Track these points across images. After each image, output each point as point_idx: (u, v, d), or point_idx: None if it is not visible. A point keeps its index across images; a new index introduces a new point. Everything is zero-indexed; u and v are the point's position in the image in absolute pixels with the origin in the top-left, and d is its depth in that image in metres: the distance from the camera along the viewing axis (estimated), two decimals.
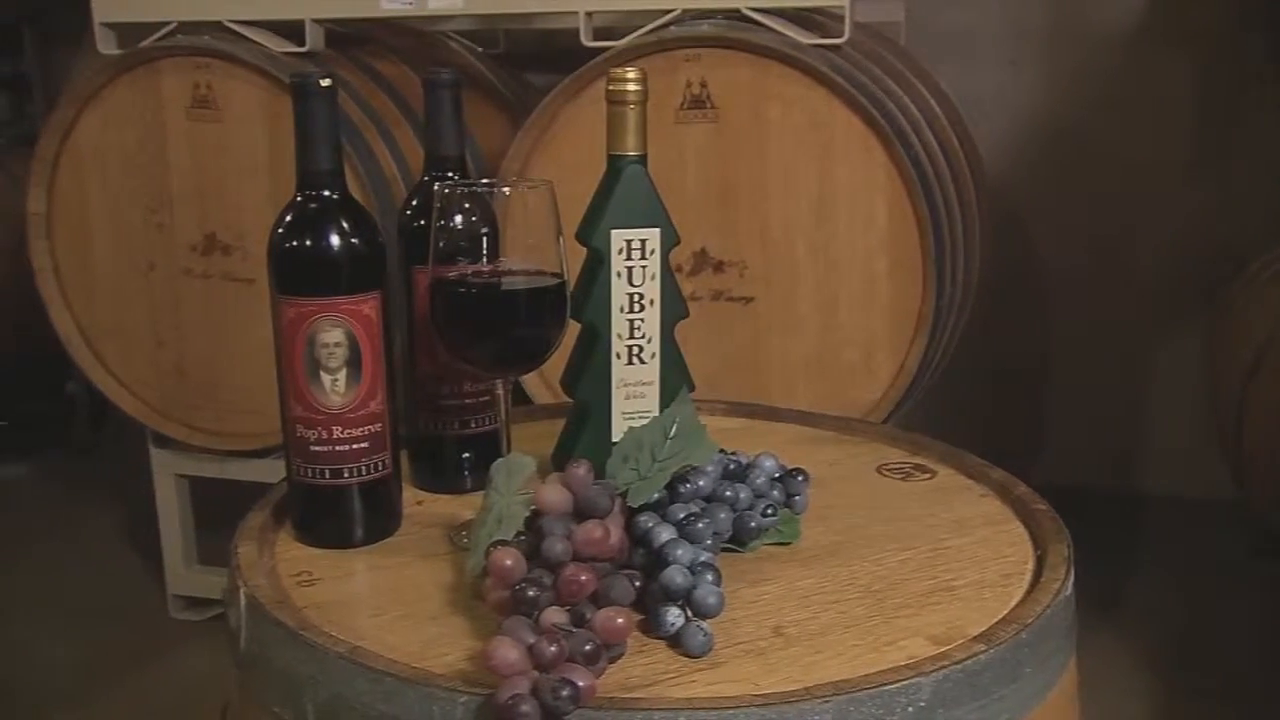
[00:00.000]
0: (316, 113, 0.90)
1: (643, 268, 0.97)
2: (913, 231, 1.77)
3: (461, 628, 0.82)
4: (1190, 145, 2.66)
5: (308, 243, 0.91)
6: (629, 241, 0.96)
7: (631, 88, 0.93)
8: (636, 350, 0.98)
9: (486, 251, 0.91)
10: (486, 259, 0.91)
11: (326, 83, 0.90)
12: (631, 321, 0.97)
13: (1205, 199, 2.65)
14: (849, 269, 1.81)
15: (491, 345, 0.93)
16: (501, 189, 0.93)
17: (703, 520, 0.86)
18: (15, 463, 3.15)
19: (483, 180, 0.94)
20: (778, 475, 0.98)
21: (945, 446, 1.14)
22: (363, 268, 0.92)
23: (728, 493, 0.92)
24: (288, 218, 0.92)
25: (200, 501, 2.31)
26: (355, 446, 0.93)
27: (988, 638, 0.78)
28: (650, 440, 0.89)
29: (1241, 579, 2.39)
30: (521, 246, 0.91)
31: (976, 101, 2.47)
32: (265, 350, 0.99)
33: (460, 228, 0.91)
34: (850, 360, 1.84)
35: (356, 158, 1.91)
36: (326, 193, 0.91)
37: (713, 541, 0.87)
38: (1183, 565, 2.49)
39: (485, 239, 0.91)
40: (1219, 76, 2.62)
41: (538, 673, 0.69)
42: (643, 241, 0.96)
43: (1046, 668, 0.81)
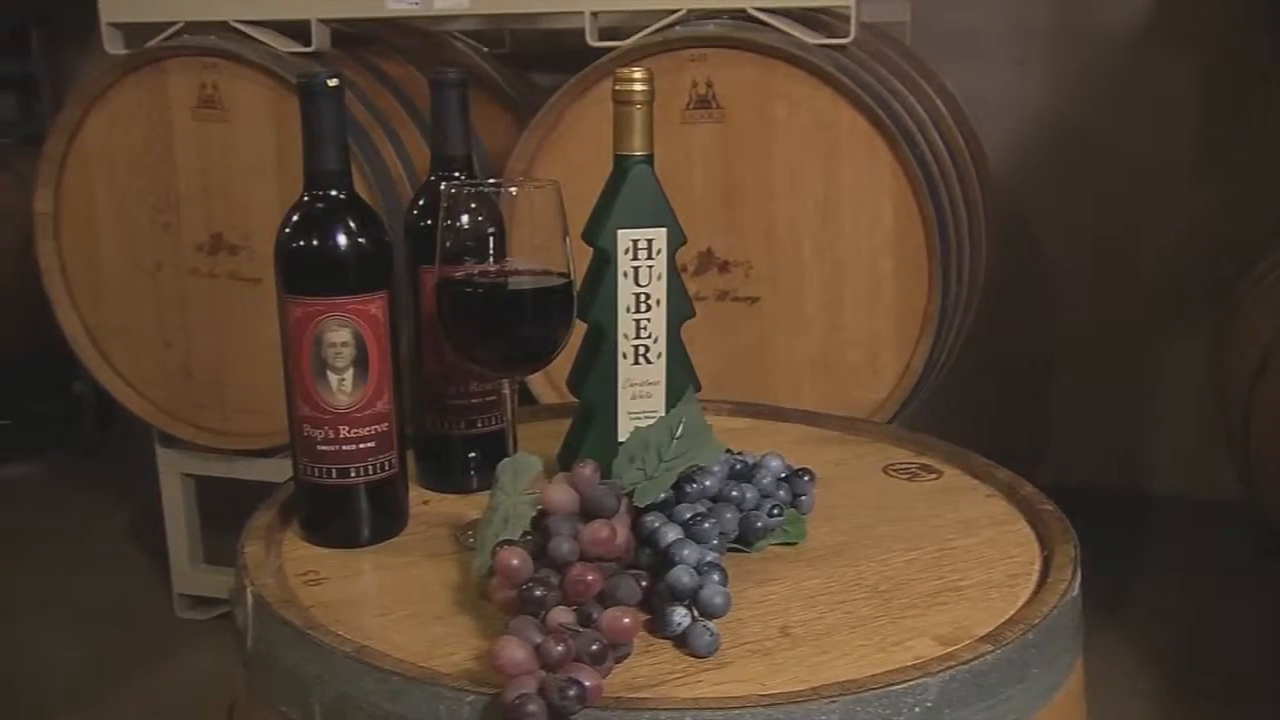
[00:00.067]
0: (324, 113, 0.90)
1: (649, 267, 0.97)
2: (918, 231, 1.77)
3: (468, 627, 0.82)
4: (1196, 145, 2.66)
5: (315, 242, 0.91)
6: (635, 241, 0.96)
7: (638, 88, 0.93)
8: (643, 350, 0.98)
9: (493, 251, 0.91)
10: (493, 259, 0.91)
11: (334, 83, 0.90)
12: (638, 321, 0.97)
13: (1211, 199, 2.64)
14: (854, 269, 1.81)
15: (498, 345, 0.93)
16: (508, 189, 0.93)
17: (709, 520, 0.86)
18: (22, 462, 3.16)
19: (489, 180, 0.94)
20: (784, 475, 0.98)
21: (951, 447, 1.14)
22: (370, 267, 0.92)
23: (734, 493, 0.92)
24: (295, 217, 0.92)
25: (206, 501, 2.31)
26: (362, 446, 0.93)
27: (994, 638, 0.78)
28: (657, 440, 0.89)
29: (1248, 579, 2.38)
30: (528, 246, 0.91)
31: (982, 101, 2.47)
32: (271, 350, 0.99)
33: (467, 227, 0.91)
34: (855, 360, 1.84)
35: (363, 158, 1.91)
36: (334, 192, 0.92)
37: (719, 541, 0.87)
38: (1189, 566, 2.48)
39: (492, 239, 0.91)
40: (1225, 77, 2.62)
41: (544, 672, 0.69)
42: (649, 241, 0.96)
43: (1053, 668, 0.81)
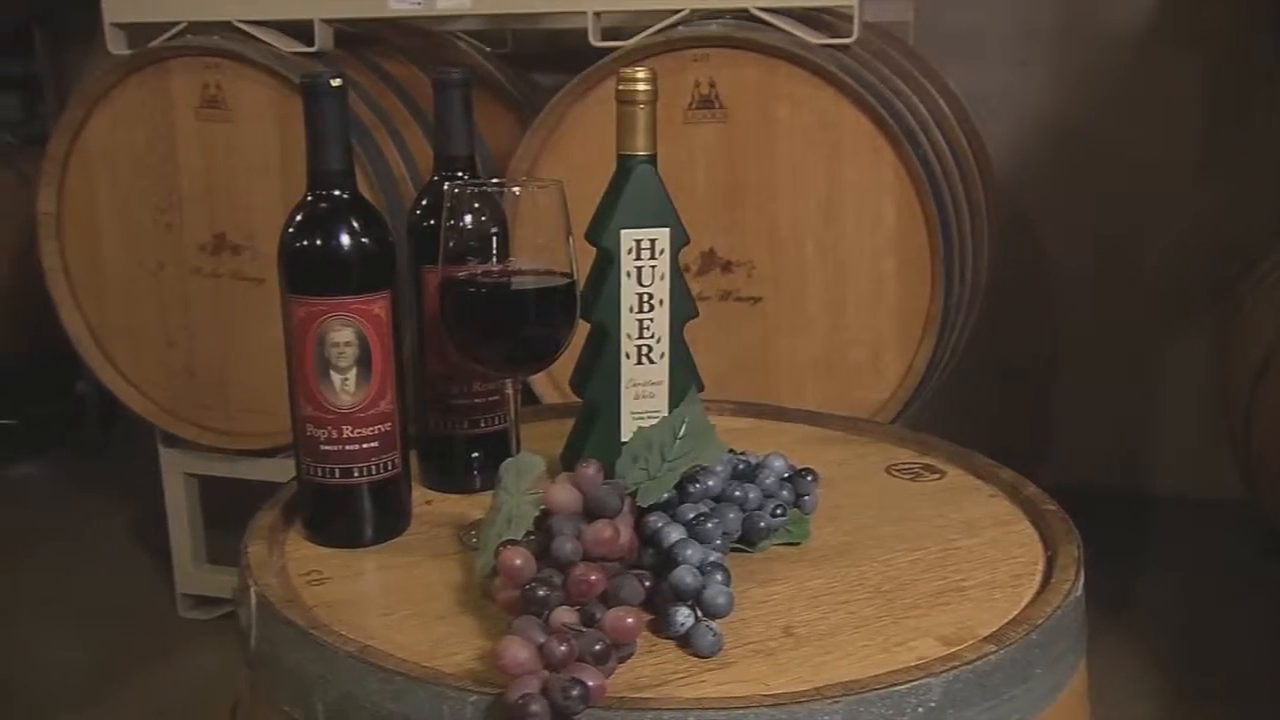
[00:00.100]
0: (327, 112, 0.90)
1: (652, 267, 0.97)
2: (921, 231, 1.76)
3: (471, 627, 0.82)
4: (1199, 145, 2.65)
5: (318, 242, 0.91)
6: (638, 241, 0.96)
7: (641, 87, 0.93)
8: (646, 350, 0.98)
9: (496, 251, 0.91)
10: (496, 259, 0.91)
11: (337, 83, 0.90)
12: (641, 321, 0.97)
13: (1214, 199, 2.64)
14: (857, 269, 1.81)
15: (501, 345, 0.93)
16: (511, 189, 0.93)
17: (712, 520, 0.86)
18: (25, 462, 3.16)
19: (493, 180, 0.94)
20: (787, 475, 0.98)
21: (954, 447, 1.14)
22: (373, 267, 0.92)
23: (737, 493, 0.92)
24: (298, 217, 0.92)
25: (209, 501, 2.31)
26: (365, 446, 0.93)
27: (998, 638, 0.78)
28: (660, 440, 0.89)
29: (1250, 580, 2.38)
30: (531, 246, 0.91)
31: (985, 101, 2.47)
32: (274, 350, 0.99)
33: (470, 227, 0.91)
34: (858, 360, 1.84)
35: (365, 158, 1.91)
36: (337, 192, 0.92)
37: (722, 541, 0.87)
38: (1191, 566, 2.48)
39: (495, 239, 0.91)
40: (1228, 77, 2.61)
41: (548, 672, 0.69)
42: (652, 241, 0.96)
43: (1057, 669, 0.81)
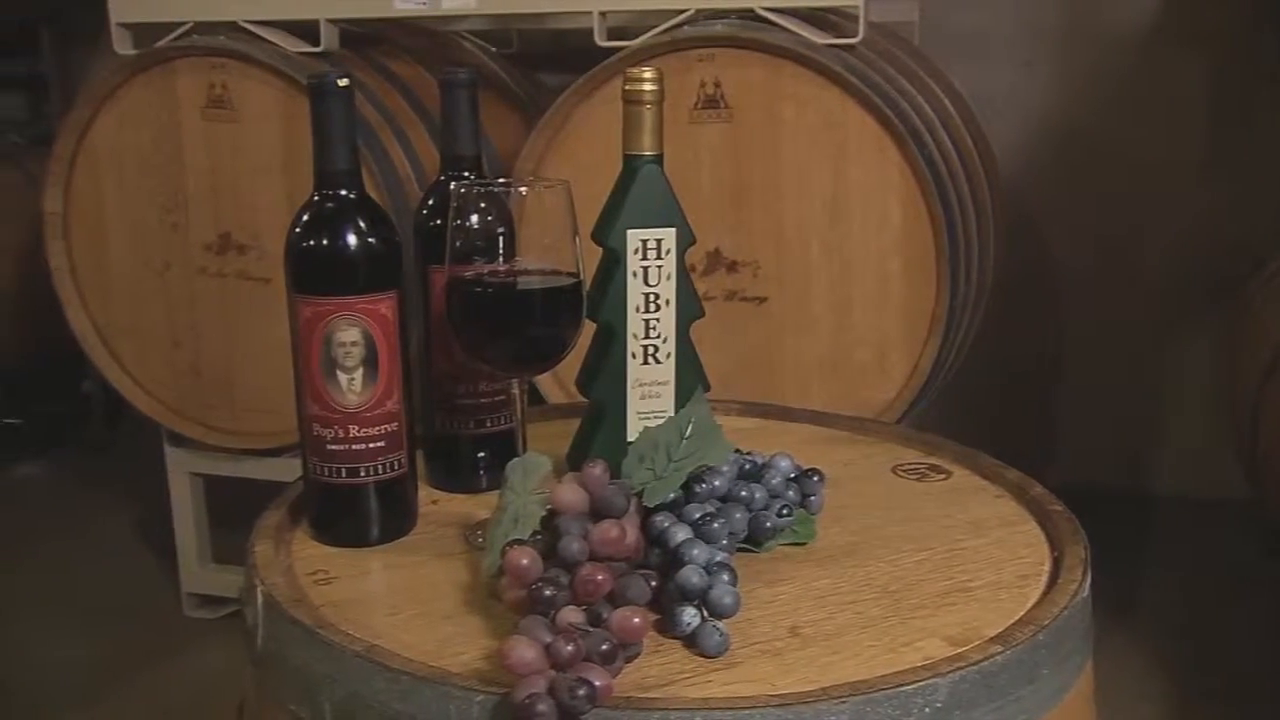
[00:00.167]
0: (334, 112, 0.90)
1: (658, 267, 0.97)
2: (927, 231, 1.76)
3: (477, 627, 0.82)
4: (1203, 145, 2.65)
5: (325, 242, 0.91)
6: (645, 241, 0.96)
7: (648, 87, 0.93)
8: (652, 350, 0.98)
9: (503, 251, 0.91)
10: (503, 259, 0.91)
11: (344, 83, 0.90)
12: (647, 321, 0.97)
13: (1218, 199, 2.64)
14: (863, 269, 1.81)
15: (508, 345, 0.93)
16: (518, 188, 0.93)
17: (718, 520, 0.86)
18: (31, 461, 3.16)
19: (499, 180, 0.94)
20: (793, 475, 0.98)
21: (960, 447, 1.14)
22: (380, 267, 0.92)
23: (743, 493, 0.92)
24: (305, 217, 0.92)
25: (215, 500, 2.31)
26: (371, 445, 0.93)
27: (1005, 639, 0.78)
28: (666, 440, 0.89)
29: (1254, 580, 2.38)
30: (538, 246, 0.91)
31: (990, 101, 2.47)
32: (280, 349, 1.00)
33: (477, 227, 0.91)
34: (864, 360, 1.84)
35: (371, 158, 1.91)
36: (344, 192, 0.92)
37: (728, 541, 0.87)
38: (1195, 566, 2.48)
39: (501, 238, 0.91)
40: (1233, 77, 2.61)
41: (554, 672, 0.69)
42: (658, 241, 0.96)
43: (1063, 669, 0.81)
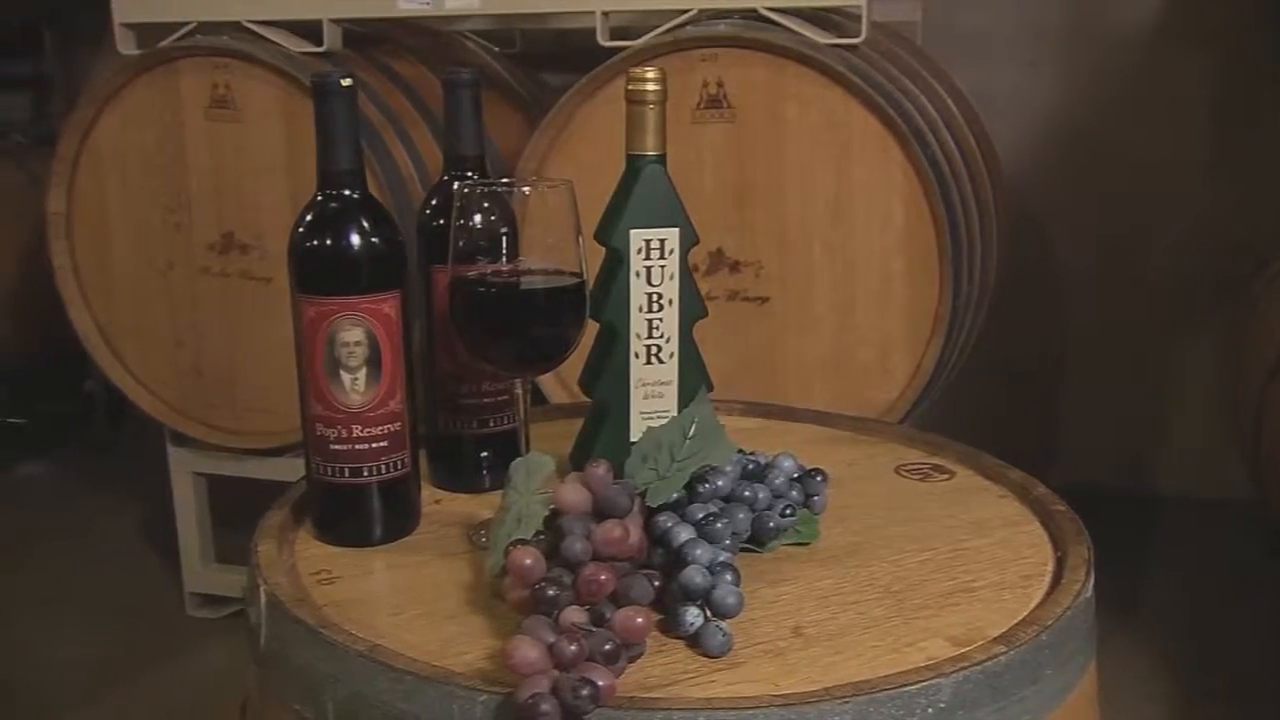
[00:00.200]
0: (337, 112, 0.90)
1: (661, 267, 0.97)
2: (929, 231, 1.76)
3: (480, 627, 0.82)
4: (1207, 145, 2.65)
5: (328, 242, 0.91)
6: (648, 241, 0.96)
7: (651, 87, 0.93)
8: (655, 350, 0.98)
9: (506, 251, 0.91)
10: (506, 258, 0.91)
11: (347, 82, 0.90)
12: (650, 321, 0.97)
13: (1221, 199, 2.64)
14: (865, 269, 1.81)
15: (511, 344, 0.93)
16: (521, 188, 0.93)
17: (721, 520, 0.86)
18: (34, 461, 3.17)
19: (502, 180, 0.94)
20: (796, 475, 0.98)
21: (963, 447, 1.14)
22: (383, 267, 0.92)
23: (746, 493, 0.92)
24: (308, 217, 0.92)
25: (217, 500, 2.32)
26: (375, 445, 0.93)
27: (1008, 639, 0.78)
28: (669, 440, 0.89)
29: (1257, 580, 2.37)
30: (541, 246, 0.91)
31: (993, 101, 2.47)
32: (282, 349, 1.00)
33: (480, 227, 0.91)
34: (866, 360, 1.84)
35: (374, 158, 1.91)
36: (347, 192, 0.92)
37: (731, 541, 0.87)
38: (1198, 566, 2.47)
39: (505, 238, 0.91)
40: (1236, 76, 2.61)
41: (558, 672, 0.69)
42: (662, 241, 0.96)
43: (1067, 669, 0.81)
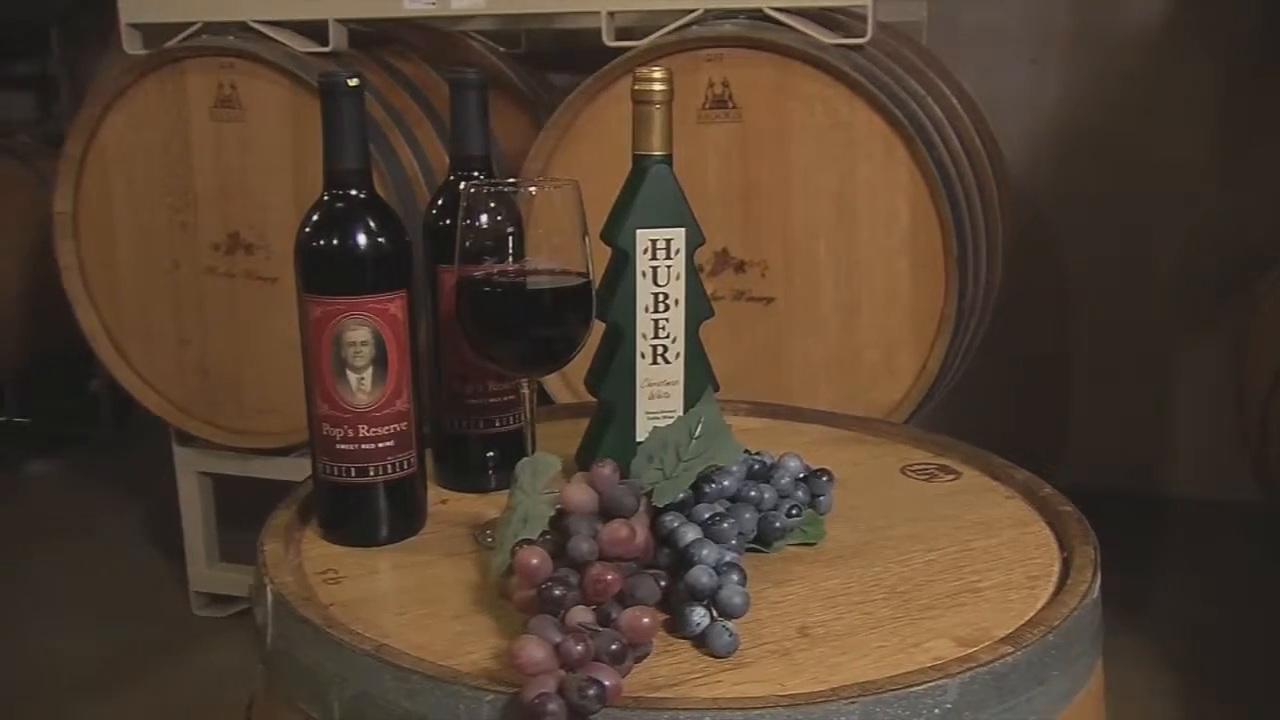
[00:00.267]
0: (344, 112, 0.90)
1: (668, 267, 0.97)
2: (935, 231, 1.76)
3: (487, 626, 0.82)
4: (1213, 146, 2.64)
5: (335, 242, 0.91)
6: (654, 241, 0.96)
7: (658, 87, 0.93)
8: (661, 350, 0.98)
9: (512, 251, 0.91)
10: (512, 258, 0.91)
11: (354, 82, 0.90)
12: (656, 321, 0.97)
13: (1227, 200, 2.63)
14: (870, 269, 1.81)
15: (517, 344, 0.93)
16: (527, 188, 0.93)
17: (728, 520, 0.86)
18: (39, 460, 3.17)
19: (509, 180, 0.94)
20: (802, 476, 0.98)
21: (969, 448, 1.13)
22: (389, 267, 0.92)
23: (752, 493, 0.92)
24: (315, 217, 0.92)
25: (223, 499, 2.32)
26: (381, 445, 0.93)
27: (1015, 640, 0.78)
28: (675, 440, 0.89)
29: (1264, 581, 2.37)
30: (547, 246, 0.91)
31: (999, 101, 2.46)
32: (287, 349, 1.00)
33: (486, 227, 0.91)
34: (871, 360, 1.83)
35: (379, 157, 1.92)
36: (354, 192, 0.92)
37: (738, 541, 0.87)
38: (1204, 567, 2.47)
39: (511, 238, 0.91)
40: (1243, 77, 2.60)
41: (564, 672, 0.69)
42: (668, 241, 0.96)
43: (1073, 670, 0.81)
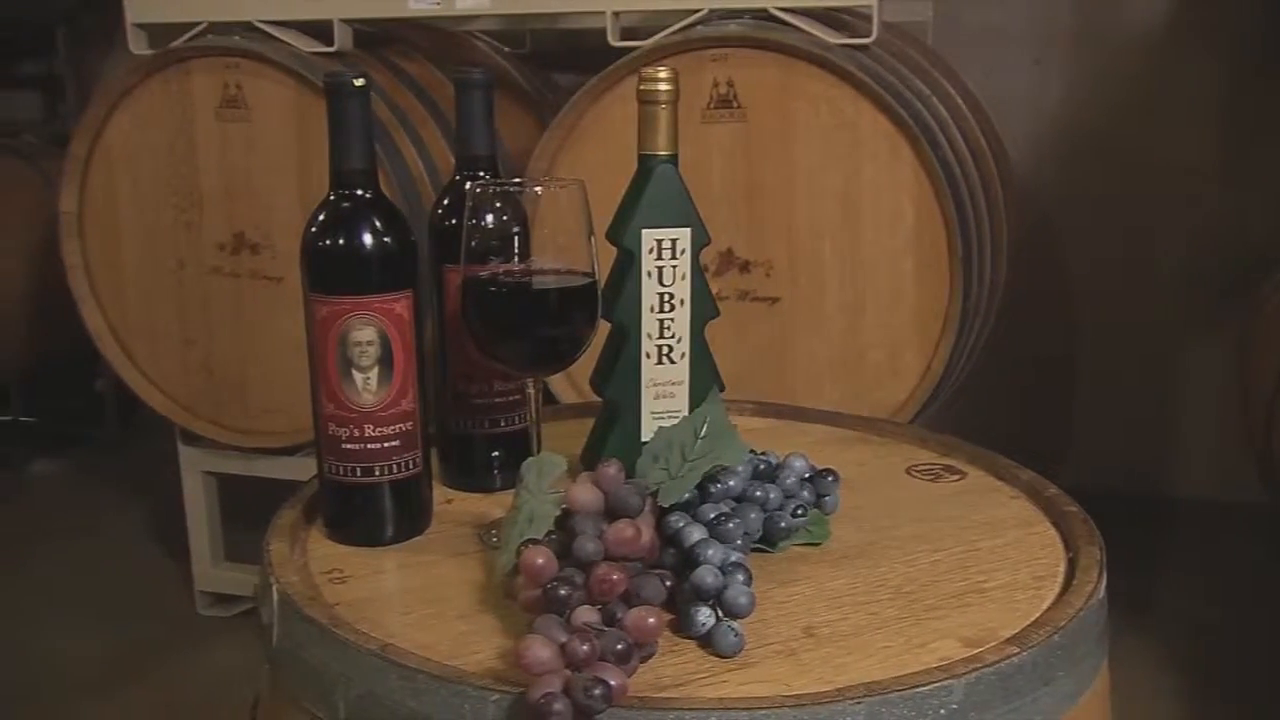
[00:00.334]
0: (350, 112, 0.90)
1: (673, 267, 0.97)
2: (940, 231, 1.76)
3: (492, 626, 0.82)
4: (1217, 146, 2.64)
5: (341, 241, 0.91)
6: (659, 241, 0.96)
7: (663, 87, 0.93)
8: (666, 350, 0.98)
9: (518, 251, 0.91)
10: (518, 258, 0.91)
11: (360, 82, 0.90)
12: (661, 321, 0.97)
13: (1231, 200, 2.63)
14: (875, 269, 1.81)
15: (522, 344, 0.93)
16: (533, 188, 0.93)
17: (733, 520, 0.86)
18: (44, 459, 3.18)
19: (514, 180, 0.94)
20: (808, 476, 0.98)
21: (974, 448, 1.13)
22: (395, 267, 0.92)
23: (758, 493, 0.92)
24: (321, 216, 0.92)
25: (227, 499, 2.32)
26: (386, 445, 0.93)
27: (1020, 640, 0.78)
28: (681, 440, 0.89)
29: (1269, 582, 2.37)
30: (552, 246, 0.91)
31: (1002, 102, 2.46)
32: (292, 348, 1.00)
33: (491, 227, 0.91)
34: (876, 361, 1.83)
35: (384, 157, 1.92)
36: (359, 192, 0.92)
37: (743, 541, 0.87)
38: (1209, 568, 2.47)
39: (516, 238, 0.91)
40: (1246, 78, 2.60)
41: (570, 671, 0.69)
42: (673, 241, 0.96)
43: (1079, 671, 0.81)
